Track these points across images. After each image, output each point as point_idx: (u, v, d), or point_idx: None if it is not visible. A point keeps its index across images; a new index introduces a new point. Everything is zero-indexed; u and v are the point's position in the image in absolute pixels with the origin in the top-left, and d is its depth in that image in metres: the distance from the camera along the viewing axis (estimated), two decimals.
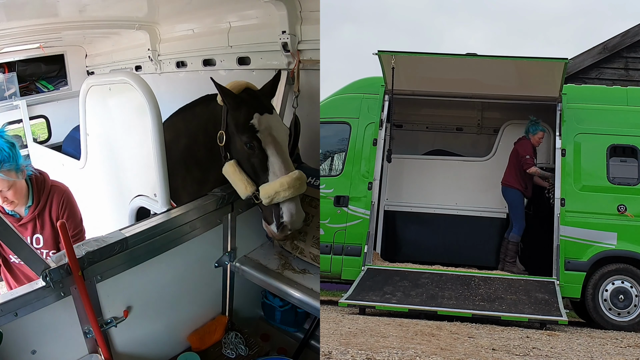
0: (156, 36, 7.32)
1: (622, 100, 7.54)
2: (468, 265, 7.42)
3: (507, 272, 7.18)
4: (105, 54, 8.88)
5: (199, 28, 6.55)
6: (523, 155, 7.39)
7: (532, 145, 7.48)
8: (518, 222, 7.49)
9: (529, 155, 7.38)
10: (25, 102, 8.98)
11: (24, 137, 9.03)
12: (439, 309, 6.20)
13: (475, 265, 7.47)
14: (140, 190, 5.00)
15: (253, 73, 5.93)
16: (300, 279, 4.59)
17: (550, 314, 6.09)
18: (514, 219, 7.55)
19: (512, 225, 7.56)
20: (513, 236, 7.44)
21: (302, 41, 5.02)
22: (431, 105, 8.31)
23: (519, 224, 7.47)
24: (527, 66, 7.35)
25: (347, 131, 7.81)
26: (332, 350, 3.72)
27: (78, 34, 8.12)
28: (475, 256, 7.69)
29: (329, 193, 7.56)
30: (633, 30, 10.56)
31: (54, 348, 3.67)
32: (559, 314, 6.07)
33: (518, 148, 7.51)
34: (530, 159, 7.36)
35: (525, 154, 7.38)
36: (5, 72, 8.85)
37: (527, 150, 7.41)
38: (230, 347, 4.88)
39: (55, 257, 3.61)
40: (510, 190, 7.52)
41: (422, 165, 8.06)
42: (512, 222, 7.58)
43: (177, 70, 7.23)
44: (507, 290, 6.57)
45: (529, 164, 7.35)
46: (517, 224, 7.48)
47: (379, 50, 7.27)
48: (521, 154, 7.42)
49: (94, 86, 5.48)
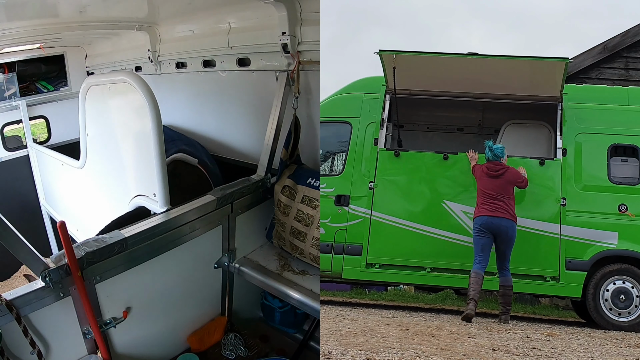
0: (156, 37, 7.32)
1: (623, 100, 7.53)
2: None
3: (505, 322, 6.50)
4: (105, 54, 8.89)
5: (199, 29, 6.55)
6: (520, 176, 6.83)
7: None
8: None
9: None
10: (25, 102, 8.99)
11: (24, 138, 9.04)
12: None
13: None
14: (140, 190, 5.00)
15: (253, 74, 5.93)
16: (299, 280, 4.59)
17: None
18: (509, 258, 6.67)
19: (507, 266, 6.64)
20: (510, 279, 6.65)
21: (302, 42, 5.02)
22: (432, 105, 8.29)
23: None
24: (528, 66, 7.34)
25: (348, 130, 7.80)
26: (332, 351, 3.72)
27: (78, 35, 8.12)
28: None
29: (329, 192, 7.55)
30: (633, 30, 10.56)
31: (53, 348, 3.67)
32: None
33: (511, 174, 6.74)
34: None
35: (521, 174, 6.86)
36: (5, 72, 8.85)
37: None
38: (230, 348, 4.89)
39: (55, 258, 3.61)
40: (514, 225, 6.66)
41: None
42: (507, 263, 6.63)
43: (177, 71, 7.23)
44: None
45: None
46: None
47: (379, 50, 7.26)
48: (518, 177, 6.79)
49: (93, 86, 5.48)
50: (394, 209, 7.38)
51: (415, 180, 7.43)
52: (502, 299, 6.61)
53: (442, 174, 7.39)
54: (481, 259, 6.58)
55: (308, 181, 4.79)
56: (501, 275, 6.66)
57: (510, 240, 6.59)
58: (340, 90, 8.19)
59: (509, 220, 6.57)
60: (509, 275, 6.63)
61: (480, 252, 6.60)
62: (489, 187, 6.70)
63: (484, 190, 6.73)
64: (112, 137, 5.47)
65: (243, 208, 4.87)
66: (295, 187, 4.81)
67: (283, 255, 4.99)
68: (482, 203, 6.69)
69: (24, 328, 3.43)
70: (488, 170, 6.76)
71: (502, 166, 6.78)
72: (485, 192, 6.70)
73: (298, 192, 4.78)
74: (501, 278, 6.64)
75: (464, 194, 7.30)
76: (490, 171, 6.74)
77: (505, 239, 6.56)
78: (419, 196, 7.38)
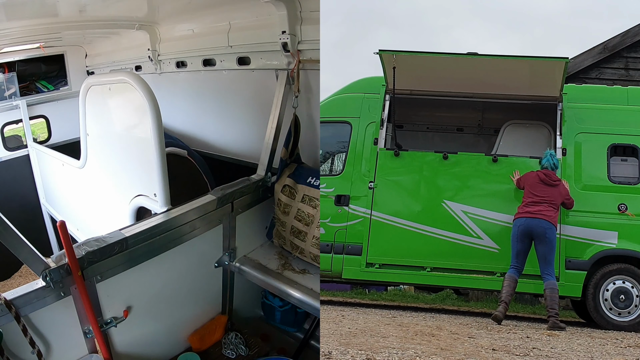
0: (156, 36, 7.32)
1: (623, 99, 7.53)
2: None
3: (557, 328, 6.37)
4: (105, 54, 8.89)
5: (199, 28, 6.55)
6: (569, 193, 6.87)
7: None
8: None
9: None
10: (25, 102, 8.99)
11: (24, 137, 9.04)
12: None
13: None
14: (140, 190, 5.00)
15: (253, 73, 5.93)
16: (300, 279, 4.59)
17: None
18: (552, 262, 6.56)
19: (549, 271, 6.49)
20: (553, 282, 6.50)
21: (302, 41, 5.02)
22: (432, 105, 8.29)
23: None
24: (528, 66, 7.34)
25: (347, 131, 7.80)
26: (332, 351, 3.72)
27: (78, 34, 8.12)
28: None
29: (329, 192, 7.55)
30: (633, 30, 10.56)
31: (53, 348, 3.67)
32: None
33: (564, 188, 6.79)
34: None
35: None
36: (5, 72, 8.86)
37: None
38: (231, 347, 4.89)
39: (55, 257, 3.61)
40: (554, 228, 6.60)
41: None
42: (550, 268, 6.50)
43: (177, 70, 7.23)
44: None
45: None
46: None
47: (379, 50, 7.26)
48: (568, 193, 6.83)
49: (94, 86, 5.49)
50: (394, 209, 7.38)
51: (415, 180, 7.42)
52: (546, 302, 6.50)
53: (442, 174, 7.38)
54: (517, 263, 6.61)
55: (308, 180, 4.79)
56: (544, 279, 6.49)
57: (549, 243, 6.49)
58: (340, 90, 8.19)
59: (549, 222, 6.52)
60: (551, 279, 6.46)
61: (515, 257, 6.63)
62: (541, 193, 6.66)
63: (535, 194, 6.65)
64: (112, 137, 5.48)
65: (243, 207, 4.87)
66: (296, 187, 4.81)
67: (283, 254, 4.99)
68: (525, 205, 6.65)
69: (24, 327, 3.42)
70: (546, 177, 6.71)
71: (558, 177, 6.81)
72: (536, 196, 6.64)
73: (298, 192, 4.78)
74: (545, 282, 6.48)
75: (464, 193, 7.29)
76: (548, 179, 6.71)
77: (543, 240, 6.48)
78: (419, 196, 7.37)
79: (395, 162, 7.48)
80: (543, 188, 6.69)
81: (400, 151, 7.49)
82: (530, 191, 6.72)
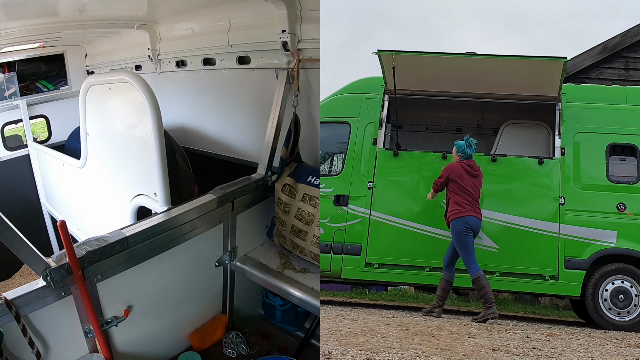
0: (156, 35, 7.32)
1: (621, 99, 7.54)
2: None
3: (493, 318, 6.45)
4: (105, 53, 8.88)
5: (199, 27, 6.56)
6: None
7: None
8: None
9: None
10: (25, 101, 8.98)
11: (24, 137, 9.04)
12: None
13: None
14: (141, 190, 5.01)
15: (253, 72, 5.93)
16: (300, 278, 4.60)
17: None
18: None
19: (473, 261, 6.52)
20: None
21: (302, 40, 5.02)
22: (431, 106, 8.30)
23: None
24: (527, 66, 7.35)
25: (347, 131, 7.80)
26: (332, 351, 3.72)
27: (78, 34, 8.12)
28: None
29: (329, 192, 7.56)
30: (633, 30, 10.57)
31: (54, 347, 3.67)
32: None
33: (482, 176, 6.76)
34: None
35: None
36: (5, 72, 8.85)
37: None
38: (231, 347, 4.89)
39: (56, 257, 3.62)
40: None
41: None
42: (474, 259, 6.54)
43: (177, 69, 7.23)
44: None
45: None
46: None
47: (378, 50, 7.26)
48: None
49: (94, 86, 5.49)
50: (393, 209, 7.38)
51: (414, 179, 7.43)
52: (484, 290, 6.46)
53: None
54: (475, 259, 6.56)
55: (308, 179, 4.80)
56: (450, 271, 6.72)
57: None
58: (339, 90, 8.19)
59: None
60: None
61: (473, 252, 6.56)
62: (470, 186, 6.62)
63: (466, 189, 6.58)
64: (112, 136, 5.48)
65: (244, 206, 4.88)
66: (296, 186, 4.81)
67: (284, 253, 5.00)
68: (466, 203, 6.55)
69: (23, 327, 3.43)
70: (470, 169, 6.67)
71: (479, 167, 6.79)
72: (467, 191, 6.58)
73: (298, 191, 4.78)
74: (477, 272, 6.49)
75: None
76: (472, 170, 6.68)
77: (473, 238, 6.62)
78: (418, 196, 7.37)
79: (394, 162, 7.49)
80: (471, 180, 6.64)
81: (400, 151, 7.50)
82: (462, 185, 6.57)
